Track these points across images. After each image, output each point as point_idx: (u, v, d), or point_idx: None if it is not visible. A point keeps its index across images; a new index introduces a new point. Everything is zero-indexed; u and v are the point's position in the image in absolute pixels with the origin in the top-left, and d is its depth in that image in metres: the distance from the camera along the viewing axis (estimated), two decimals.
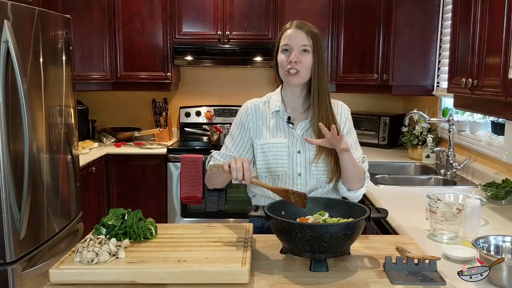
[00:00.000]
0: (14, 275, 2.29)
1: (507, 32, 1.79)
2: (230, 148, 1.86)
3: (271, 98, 1.87)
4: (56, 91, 2.70)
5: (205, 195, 3.76)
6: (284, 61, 1.75)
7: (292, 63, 1.72)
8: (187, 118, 4.33)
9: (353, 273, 1.37)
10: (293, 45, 1.73)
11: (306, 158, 1.78)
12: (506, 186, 2.29)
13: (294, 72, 1.73)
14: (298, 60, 1.72)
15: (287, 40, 1.75)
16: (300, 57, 1.72)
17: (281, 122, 1.82)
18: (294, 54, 1.72)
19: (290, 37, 1.74)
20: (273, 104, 1.84)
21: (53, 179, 2.63)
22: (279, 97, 1.85)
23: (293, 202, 1.54)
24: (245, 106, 1.89)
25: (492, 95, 1.91)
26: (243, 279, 1.29)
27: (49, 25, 2.59)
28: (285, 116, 1.82)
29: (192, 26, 3.97)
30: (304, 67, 1.73)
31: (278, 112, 1.83)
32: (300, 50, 1.73)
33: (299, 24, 1.76)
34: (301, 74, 1.74)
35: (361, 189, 1.80)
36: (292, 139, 1.80)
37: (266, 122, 1.83)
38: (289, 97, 1.84)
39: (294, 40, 1.73)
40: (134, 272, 1.29)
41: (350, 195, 1.79)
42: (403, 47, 3.52)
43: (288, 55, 1.73)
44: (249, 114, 1.85)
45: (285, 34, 1.76)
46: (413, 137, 3.42)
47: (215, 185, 1.86)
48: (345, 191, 1.80)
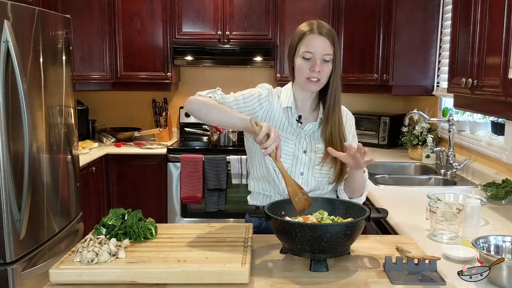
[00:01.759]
0: (14, 275, 2.29)
1: (507, 32, 1.79)
2: (240, 104, 1.77)
3: (282, 92, 1.84)
4: (56, 91, 2.71)
5: (205, 195, 3.76)
6: (305, 69, 1.70)
7: (314, 72, 1.69)
8: (187, 118, 4.33)
9: (353, 273, 1.37)
10: (315, 53, 1.68)
11: (311, 159, 1.78)
12: (506, 186, 2.29)
13: (315, 80, 1.71)
14: (321, 69, 1.69)
15: (310, 48, 1.69)
16: (322, 66, 1.69)
17: (290, 118, 1.80)
18: (318, 64, 1.68)
19: (314, 45, 1.68)
20: (284, 100, 1.81)
21: (53, 179, 2.63)
22: (291, 93, 1.81)
23: (295, 201, 1.52)
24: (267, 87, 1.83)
25: (492, 95, 1.91)
26: (243, 279, 1.29)
27: (49, 25, 2.59)
28: (296, 114, 1.80)
29: (192, 26, 3.98)
30: (324, 76, 1.71)
31: (290, 108, 1.80)
32: (322, 59, 1.69)
33: (321, 28, 1.70)
34: (321, 82, 1.72)
35: (362, 197, 1.81)
36: (300, 138, 1.79)
37: (276, 114, 1.80)
38: (299, 97, 1.82)
39: (318, 49, 1.68)
40: (134, 272, 1.29)
41: None
42: (403, 47, 3.52)
43: (310, 64, 1.69)
44: (269, 96, 1.81)
45: (306, 39, 1.70)
46: (413, 137, 3.42)
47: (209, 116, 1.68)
48: (346, 199, 1.80)
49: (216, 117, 1.67)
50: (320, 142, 1.78)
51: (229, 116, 1.63)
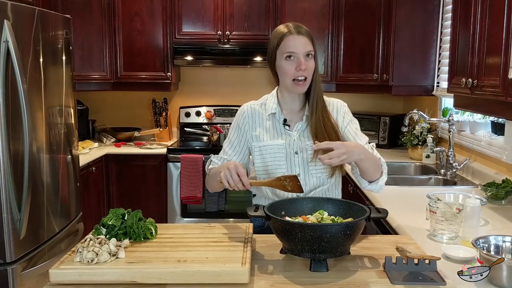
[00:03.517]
0: (14, 275, 2.29)
1: (507, 32, 1.79)
2: (227, 152, 1.87)
3: (267, 100, 1.87)
4: (56, 91, 2.71)
5: (205, 195, 3.76)
6: (290, 70, 1.72)
7: (301, 70, 1.70)
8: (187, 118, 4.33)
9: (353, 273, 1.37)
10: (298, 52, 1.70)
11: (304, 159, 1.79)
12: (506, 186, 2.29)
13: (302, 79, 1.72)
14: (306, 67, 1.71)
15: (291, 48, 1.71)
16: (306, 63, 1.71)
17: (277, 124, 1.83)
18: (302, 62, 1.70)
19: (295, 45, 1.71)
20: (269, 107, 1.84)
21: (53, 179, 2.63)
22: (275, 99, 1.84)
23: (289, 190, 1.60)
24: (242, 109, 1.89)
25: (492, 95, 1.91)
26: (243, 279, 1.29)
27: (49, 25, 2.59)
28: (281, 118, 1.82)
29: (192, 26, 3.98)
30: (310, 73, 1.74)
31: (274, 114, 1.83)
32: (305, 56, 1.71)
33: (298, 28, 1.73)
34: (308, 80, 1.74)
35: (382, 177, 1.76)
36: (289, 141, 1.80)
37: (263, 124, 1.84)
38: (286, 99, 1.84)
39: (299, 47, 1.71)
40: (134, 272, 1.29)
41: (372, 188, 1.76)
42: (403, 47, 3.51)
43: (294, 64, 1.71)
44: (245, 117, 1.86)
45: (285, 41, 1.72)
46: (413, 137, 3.42)
47: (215, 190, 1.86)
48: (366, 184, 1.76)
49: (216, 187, 1.81)
50: (309, 139, 1.79)
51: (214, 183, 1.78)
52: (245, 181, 1.55)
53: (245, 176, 1.56)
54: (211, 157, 1.91)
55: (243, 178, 1.55)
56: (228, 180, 1.55)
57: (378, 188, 1.76)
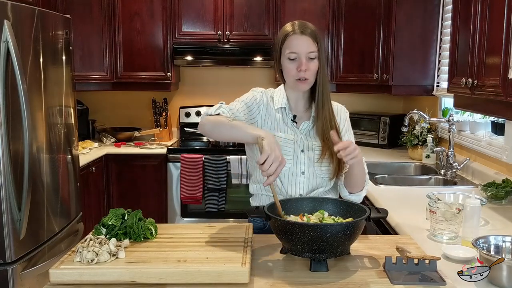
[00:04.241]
0: (14, 275, 2.29)
1: (507, 32, 1.79)
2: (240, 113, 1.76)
3: (275, 94, 1.86)
4: (56, 91, 2.71)
5: (205, 195, 3.76)
6: (292, 70, 1.73)
7: (301, 71, 1.70)
8: (187, 118, 4.33)
9: (353, 273, 1.37)
10: (300, 53, 1.71)
11: (310, 158, 1.79)
12: (506, 186, 2.29)
13: (303, 79, 1.72)
14: (308, 68, 1.71)
15: (293, 48, 1.71)
16: (308, 64, 1.71)
17: (286, 119, 1.82)
18: (303, 63, 1.70)
19: (297, 45, 1.71)
20: (278, 101, 1.83)
21: (53, 179, 2.63)
22: (283, 94, 1.83)
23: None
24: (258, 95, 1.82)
25: (492, 95, 1.91)
26: (243, 279, 1.29)
27: (49, 25, 2.59)
28: (290, 114, 1.82)
29: (192, 26, 3.98)
30: (312, 74, 1.73)
31: (284, 109, 1.82)
32: (307, 57, 1.71)
33: (303, 28, 1.72)
34: (310, 80, 1.74)
35: (362, 191, 1.80)
36: (297, 138, 1.80)
37: (274, 115, 1.82)
38: (292, 98, 1.84)
39: (301, 48, 1.70)
40: (134, 272, 1.29)
41: (352, 198, 1.79)
42: (403, 47, 3.51)
43: (296, 64, 1.72)
44: (261, 105, 1.81)
45: (289, 40, 1.72)
46: (413, 137, 3.42)
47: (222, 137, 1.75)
48: (346, 194, 1.81)
49: (227, 135, 1.70)
50: (316, 139, 1.79)
51: (240, 133, 1.63)
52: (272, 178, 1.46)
53: (278, 175, 1.49)
54: (221, 104, 1.77)
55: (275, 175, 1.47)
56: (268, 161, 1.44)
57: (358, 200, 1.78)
